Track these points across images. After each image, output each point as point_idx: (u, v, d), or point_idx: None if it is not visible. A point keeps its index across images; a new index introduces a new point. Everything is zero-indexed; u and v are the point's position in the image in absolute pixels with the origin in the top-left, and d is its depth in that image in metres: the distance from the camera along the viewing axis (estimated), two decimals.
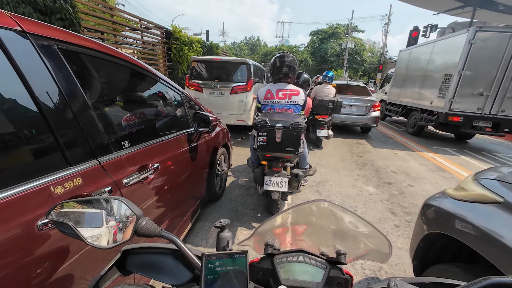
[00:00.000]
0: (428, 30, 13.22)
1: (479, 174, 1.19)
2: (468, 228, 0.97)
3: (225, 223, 0.54)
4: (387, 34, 26.93)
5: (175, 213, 1.64)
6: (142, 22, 6.32)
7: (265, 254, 0.53)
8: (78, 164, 0.87)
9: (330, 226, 0.57)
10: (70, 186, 0.81)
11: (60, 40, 0.86)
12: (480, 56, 5.00)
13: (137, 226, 0.49)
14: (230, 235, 0.55)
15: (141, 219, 0.50)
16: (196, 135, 1.92)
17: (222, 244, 0.53)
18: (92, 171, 0.91)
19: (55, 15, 3.50)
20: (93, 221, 0.50)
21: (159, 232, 0.50)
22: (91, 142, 0.93)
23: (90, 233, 0.49)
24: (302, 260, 0.52)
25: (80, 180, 0.85)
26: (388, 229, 2.36)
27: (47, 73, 0.80)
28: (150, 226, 0.50)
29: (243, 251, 0.45)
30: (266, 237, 0.56)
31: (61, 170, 0.80)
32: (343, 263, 0.50)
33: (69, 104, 0.85)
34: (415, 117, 6.84)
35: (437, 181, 3.64)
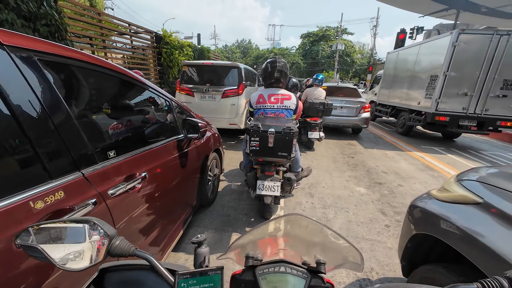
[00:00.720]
0: (415, 32, 13.59)
1: (461, 175, 1.23)
2: (450, 228, 1.00)
3: (202, 239, 0.54)
4: (376, 36, 27.52)
5: (166, 221, 1.62)
6: (131, 27, 6.26)
7: (245, 266, 0.53)
8: (60, 176, 0.85)
9: (310, 237, 0.58)
10: (51, 200, 0.79)
11: (39, 51, 0.85)
12: (464, 58, 5.17)
13: (110, 247, 0.48)
14: (207, 251, 0.54)
15: (115, 238, 0.49)
16: (186, 141, 1.91)
17: (199, 260, 0.53)
18: (75, 183, 0.90)
19: (40, 21, 3.42)
20: (75, 237, 0.49)
21: (133, 251, 0.49)
22: (74, 154, 0.91)
23: (72, 249, 0.48)
24: (284, 270, 0.52)
25: (62, 193, 0.83)
26: (379, 229, 2.40)
27: (26, 85, 0.78)
28: (124, 246, 0.49)
29: (218, 267, 0.45)
30: (247, 249, 0.56)
31: (41, 184, 0.78)
32: (323, 272, 0.51)
33: (49, 116, 0.83)
34: (404, 118, 7.00)
35: (426, 180, 3.72)
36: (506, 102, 5.26)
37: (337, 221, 2.52)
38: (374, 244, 2.17)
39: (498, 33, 4.96)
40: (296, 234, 0.60)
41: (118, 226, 1.12)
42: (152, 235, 1.45)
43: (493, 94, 5.24)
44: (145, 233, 1.37)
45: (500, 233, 0.87)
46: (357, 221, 2.54)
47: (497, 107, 5.33)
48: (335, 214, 2.65)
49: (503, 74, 5.10)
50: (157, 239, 1.52)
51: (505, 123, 5.37)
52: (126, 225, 1.18)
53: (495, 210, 0.93)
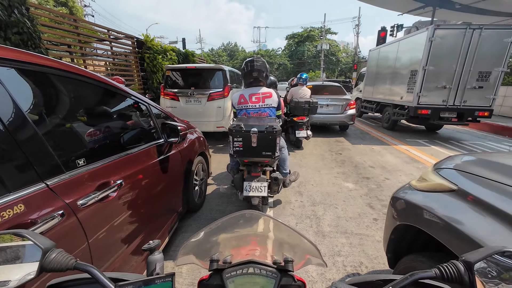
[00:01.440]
0: (395, 30, 14.03)
1: (438, 164, 1.25)
2: (428, 217, 1.01)
3: (153, 245, 0.51)
4: (359, 34, 28.22)
5: (148, 229, 1.57)
6: (110, 33, 6.11)
7: (210, 270, 0.50)
8: (19, 189, 0.79)
9: (276, 234, 0.56)
10: (9, 214, 0.74)
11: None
12: (441, 52, 5.36)
13: (44, 261, 0.42)
14: (159, 257, 0.51)
15: (51, 251, 0.43)
16: (167, 146, 1.86)
17: (151, 269, 0.49)
18: (38, 195, 0.84)
19: (11, 29, 3.28)
20: (14, 253, 0.43)
21: (72, 264, 0.43)
22: (36, 164, 0.85)
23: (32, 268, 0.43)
24: (252, 271, 0.50)
25: (23, 206, 0.78)
26: (368, 223, 2.42)
27: None
28: (61, 259, 0.43)
29: (168, 274, 0.41)
30: (211, 252, 0.53)
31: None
32: (290, 270, 0.49)
33: (5, 126, 0.78)
34: (388, 112, 7.17)
35: (411, 172, 3.80)
36: (482, 93, 5.49)
37: (327, 217, 2.53)
38: (363, 238, 2.19)
39: (471, 27, 5.18)
40: (264, 233, 0.57)
41: (95, 238, 1.06)
42: (134, 245, 1.40)
43: (469, 86, 5.45)
44: (125, 243, 1.32)
45: (475, 219, 0.88)
46: (346, 216, 2.55)
47: (474, 98, 5.55)
48: (324, 211, 2.65)
49: (478, 66, 5.32)
50: (139, 249, 1.46)
51: (482, 113, 5.59)
52: (103, 236, 1.12)
53: (470, 197, 0.94)
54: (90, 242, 1.03)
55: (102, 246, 1.13)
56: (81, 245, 0.99)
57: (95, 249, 1.06)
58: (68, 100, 1.17)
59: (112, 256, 1.20)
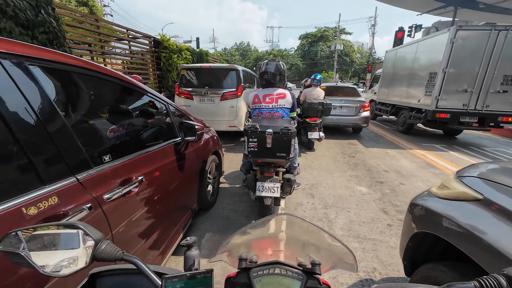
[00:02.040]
0: (413, 30, 13.58)
1: (461, 172, 1.21)
2: (451, 226, 0.98)
3: (191, 241, 0.53)
4: (374, 35, 27.56)
5: (165, 224, 1.62)
6: (129, 32, 6.30)
7: (239, 268, 0.52)
8: (54, 182, 0.84)
9: (304, 237, 0.57)
10: (44, 206, 0.79)
11: (30, 57, 0.85)
12: (462, 54, 5.14)
13: (96, 251, 0.47)
14: (197, 253, 0.53)
15: (101, 243, 0.48)
16: (184, 144, 1.91)
17: (189, 264, 0.52)
18: (69, 188, 0.89)
19: (38, 28, 3.45)
20: (69, 243, 0.48)
21: (120, 255, 0.47)
22: (68, 159, 0.90)
23: (66, 255, 0.47)
24: (279, 272, 0.51)
25: (56, 199, 0.83)
26: (381, 229, 2.37)
27: (17, 91, 0.78)
28: (111, 250, 0.47)
29: (207, 270, 0.44)
30: (240, 251, 0.55)
31: (34, 190, 0.78)
32: (318, 273, 0.50)
33: (41, 121, 0.83)
34: (404, 116, 6.97)
35: (428, 178, 3.69)
36: (507, 97, 5.22)
37: (339, 221, 2.50)
38: (377, 244, 2.15)
39: (496, 28, 4.94)
40: (292, 235, 0.58)
41: (117, 230, 1.11)
42: (151, 239, 1.44)
43: (493, 89, 5.20)
44: (144, 237, 1.36)
45: (501, 230, 0.85)
46: (359, 220, 2.52)
47: (498, 103, 5.29)
48: (337, 214, 2.62)
49: (503, 70, 5.07)
50: (157, 243, 1.51)
51: (506, 118, 5.32)
52: (124, 229, 1.17)
53: (495, 207, 0.91)
54: (113, 235, 1.07)
55: (123, 240, 1.18)
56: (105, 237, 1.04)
57: (117, 242, 1.11)
58: (93, 97, 1.22)
59: (131, 249, 1.25)
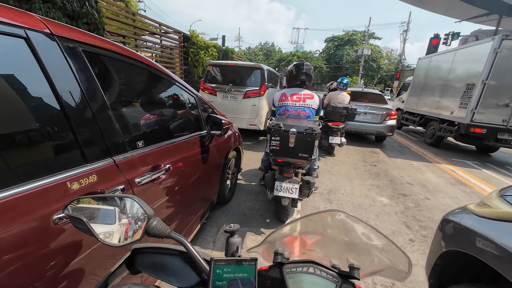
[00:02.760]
0: (450, 38, 12.75)
1: (504, 190, 1.12)
2: (491, 247, 0.91)
3: (235, 228, 0.53)
4: (406, 41, 26.29)
5: (185, 214, 1.66)
6: (161, 27, 6.55)
7: (274, 262, 0.52)
8: (94, 161, 0.89)
9: (343, 237, 0.55)
10: (85, 182, 0.84)
11: (84, 42, 0.90)
12: (506, 65, 4.75)
13: (148, 226, 0.50)
14: (239, 241, 0.54)
15: (152, 219, 0.51)
16: (208, 138, 1.94)
17: (231, 250, 0.52)
18: (107, 169, 0.94)
19: (82, 19, 3.70)
20: (107, 218, 0.51)
21: (169, 233, 0.50)
22: (108, 141, 0.95)
23: (103, 229, 0.50)
24: (313, 271, 0.50)
25: (95, 177, 0.88)
26: (402, 243, 2.26)
27: (71, 74, 0.83)
28: (161, 227, 0.51)
29: (252, 258, 0.44)
30: (275, 245, 0.55)
31: (78, 167, 0.83)
32: (356, 278, 0.48)
33: (89, 104, 0.89)
34: (433, 127, 6.58)
35: (456, 195, 3.45)
36: None
37: None
38: None
39: None
40: (329, 233, 0.57)
41: None
42: (171, 227, 1.47)
43: None
44: (165, 223, 1.41)
45: None
46: None
47: None
48: None
49: None
50: (176, 231, 1.54)
51: None
52: None
53: None
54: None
55: None
56: None
57: None
58: (133, 85, 1.28)
59: None
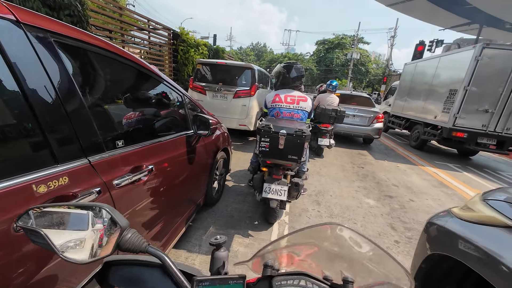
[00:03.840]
0: (434, 45, 13.24)
1: (487, 195, 1.14)
2: (475, 251, 0.91)
3: (221, 241, 0.48)
4: (393, 47, 27.10)
5: (169, 216, 1.59)
6: (150, 23, 6.37)
7: (263, 275, 0.48)
8: (66, 162, 0.82)
9: (337, 249, 0.52)
10: (55, 185, 0.77)
11: (57, 33, 0.83)
12: (486, 73, 4.96)
13: (121, 240, 0.43)
14: (226, 255, 0.48)
15: (126, 231, 0.44)
16: (195, 138, 1.88)
17: (217, 265, 0.47)
18: (81, 170, 0.87)
19: (64, 11, 3.52)
20: (78, 223, 0.45)
21: (145, 247, 0.44)
22: (82, 140, 0.88)
23: (73, 236, 0.44)
24: (304, 284, 0.46)
25: (67, 179, 0.81)
26: (388, 245, 2.29)
27: (40, 66, 0.76)
28: (136, 240, 0.44)
29: (240, 276, 0.40)
30: (265, 257, 0.51)
31: (46, 168, 0.76)
32: None
33: (61, 100, 0.81)
34: (418, 131, 6.79)
35: (439, 197, 3.56)
36: None
37: None
38: None
39: None
40: (323, 245, 0.54)
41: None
42: (155, 230, 1.42)
43: None
44: (147, 227, 1.34)
45: None
46: (365, 234, 2.41)
47: None
48: None
49: None
50: (159, 234, 1.48)
51: None
52: (128, 217, 1.15)
53: None
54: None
55: None
56: None
57: None
58: (113, 82, 1.21)
59: None
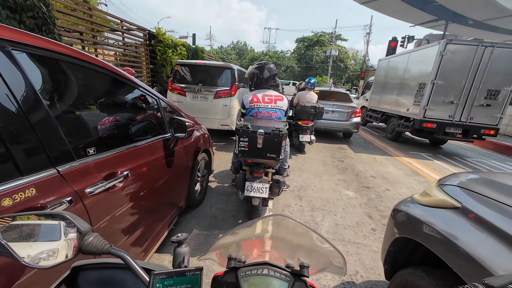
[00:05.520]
0: (406, 41, 13.98)
1: (442, 180, 1.25)
2: (430, 232, 1.01)
3: (182, 238, 0.53)
4: (369, 43, 28.14)
5: (150, 221, 1.59)
6: (123, 23, 6.15)
7: (228, 267, 0.52)
8: (32, 173, 0.81)
9: (294, 239, 0.57)
10: (20, 197, 0.75)
11: (14, 41, 0.81)
12: (451, 67, 5.34)
13: (82, 243, 0.46)
14: (187, 251, 0.53)
15: (88, 235, 0.47)
16: (173, 141, 1.88)
17: (178, 260, 0.51)
18: (49, 180, 0.86)
19: (27, 13, 3.31)
20: (49, 234, 0.46)
21: (107, 249, 0.47)
22: (49, 150, 0.87)
23: (45, 247, 0.45)
24: (267, 273, 0.51)
25: (34, 190, 0.80)
26: (366, 233, 2.42)
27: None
28: (98, 243, 0.47)
29: (197, 268, 0.43)
30: (230, 250, 0.55)
31: (10, 181, 0.74)
32: (306, 275, 0.50)
33: (23, 110, 0.80)
34: (393, 123, 7.15)
35: (412, 185, 3.80)
36: (490, 111, 5.46)
37: (325, 224, 2.53)
38: (360, 248, 2.19)
39: (483, 44, 5.15)
40: (281, 236, 0.59)
41: (98, 226, 1.08)
42: (135, 236, 1.41)
43: (477, 103, 5.42)
44: (127, 233, 1.33)
45: (477, 238, 0.89)
46: (344, 224, 2.56)
47: (481, 116, 5.52)
48: (323, 217, 2.66)
49: (487, 84, 5.29)
50: (140, 240, 1.48)
51: (488, 131, 5.56)
52: (106, 225, 1.14)
53: (472, 215, 0.95)
54: (93, 230, 1.04)
55: (104, 235, 1.14)
56: None
57: None
58: (81, 88, 1.18)
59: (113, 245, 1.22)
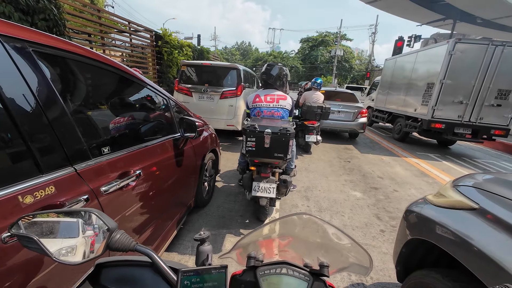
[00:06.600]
0: (412, 40, 13.79)
1: (457, 181, 1.23)
2: (446, 234, 1.00)
3: (205, 236, 0.53)
4: (374, 42, 27.88)
5: (160, 220, 1.60)
6: (130, 25, 6.23)
7: (247, 266, 0.52)
8: (52, 171, 0.82)
9: (314, 238, 0.57)
10: (41, 195, 0.77)
11: (34, 42, 0.83)
12: (460, 66, 5.25)
13: (110, 240, 0.47)
14: (210, 248, 0.53)
15: (115, 232, 0.48)
16: (183, 140, 1.89)
17: (202, 258, 0.52)
18: (67, 178, 0.87)
19: (38, 15, 3.38)
20: (68, 231, 0.48)
21: (134, 246, 0.48)
22: (67, 149, 0.89)
23: (64, 244, 0.46)
24: (285, 272, 0.51)
25: (53, 188, 0.81)
26: (374, 234, 2.40)
27: (19, 76, 0.76)
28: (125, 240, 0.48)
29: (222, 266, 0.43)
30: (249, 249, 0.55)
31: (31, 178, 0.76)
32: (326, 275, 0.50)
33: (42, 109, 0.81)
34: (400, 124, 7.06)
35: (421, 186, 3.74)
36: (500, 111, 5.35)
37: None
38: (369, 249, 2.17)
39: (493, 43, 5.05)
40: (300, 235, 0.58)
41: None
42: (145, 234, 1.43)
43: (487, 103, 5.32)
44: (138, 232, 1.35)
45: (495, 239, 0.87)
46: (352, 225, 2.54)
47: (492, 116, 5.41)
48: (331, 218, 2.64)
49: (498, 84, 5.19)
50: (150, 239, 1.49)
51: (499, 132, 5.45)
52: (118, 223, 1.14)
53: (490, 216, 0.93)
54: None
55: None
56: None
57: None
58: (96, 88, 1.21)
59: None
